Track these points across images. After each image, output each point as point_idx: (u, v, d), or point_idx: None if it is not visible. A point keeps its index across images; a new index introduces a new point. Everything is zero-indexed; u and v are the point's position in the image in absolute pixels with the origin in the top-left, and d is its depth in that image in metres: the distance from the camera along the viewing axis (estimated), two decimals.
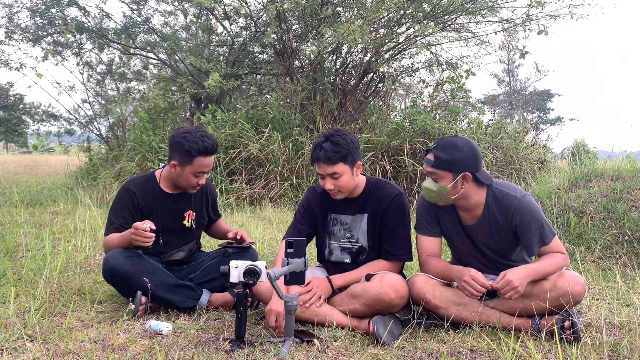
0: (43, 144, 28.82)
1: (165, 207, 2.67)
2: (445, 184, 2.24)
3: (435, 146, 2.28)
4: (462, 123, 7.88)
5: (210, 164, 2.59)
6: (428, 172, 2.30)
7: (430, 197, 2.35)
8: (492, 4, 7.33)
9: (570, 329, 2.09)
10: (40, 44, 8.83)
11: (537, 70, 31.47)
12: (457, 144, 2.25)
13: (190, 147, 2.50)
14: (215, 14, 8.37)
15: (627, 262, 3.42)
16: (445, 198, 2.29)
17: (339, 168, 2.32)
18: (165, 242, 2.67)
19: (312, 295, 2.29)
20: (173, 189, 2.69)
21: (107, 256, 2.48)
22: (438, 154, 2.24)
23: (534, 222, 2.25)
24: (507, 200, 2.29)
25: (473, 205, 2.33)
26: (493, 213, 2.32)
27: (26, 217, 5.03)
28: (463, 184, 2.25)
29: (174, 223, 2.69)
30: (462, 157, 2.22)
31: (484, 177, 2.28)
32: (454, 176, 2.23)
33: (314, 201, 2.58)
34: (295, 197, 6.20)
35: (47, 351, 1.95)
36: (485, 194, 2.32)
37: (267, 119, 7.03)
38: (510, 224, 2.29)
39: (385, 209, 2.44)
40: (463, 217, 2.40)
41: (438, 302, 2.26)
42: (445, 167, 2.23)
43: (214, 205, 2.89)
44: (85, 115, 9.96)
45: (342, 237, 2.53)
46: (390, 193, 2.45)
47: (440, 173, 2.24)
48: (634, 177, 4.16)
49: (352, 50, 7.74)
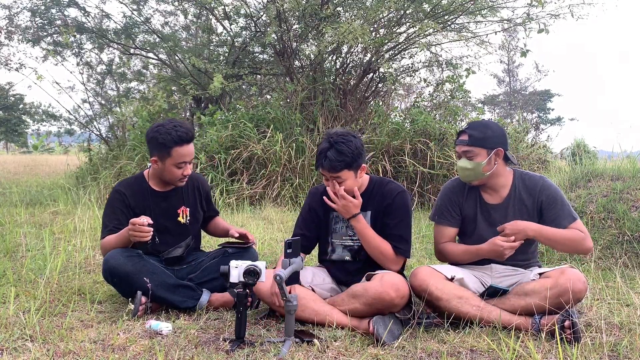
0: (43, 144, 28.81)
1: (157, 205, 2.66)
2: (480, 160, 2.39)
3: (467, 127, 2.44)
4: (462, 123, 7.89)
5: (190, 153, 2.57)
6: (463, 151, 2.43)
7: (466, 176, 2.46)
8: (492, 4, 7.34)
9: (570, 328, 2.09)
10: (40, 45, 8.82)
11: (537, 70, 31.49)
12: (487, 123, 2.51)
13: (164, 140, 2.50)
14: (215, 14, 8.37)
15: (627, 262, 3.42)
16: (481, 175, 2.41)
17: (343, 174, 2.36)
18: (162, 240, 2.67)
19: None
20: (162, 187, 2.69)
21: (107, 256, 2.48)
22: (472, 132, 2.40)
23: (559, 198, 2.41)
24: (533, 180, 2.47)
25: (500, 186, 2.46)
26: (520, 193, 2.45)
27: (26, 217, 5.03)
28: (496, 160, 2.40)
29: (168, 221, 2.68)
30: (493, 134, 2.41)
31: (511, 156, 2.45)
32: (488, 152, 2.39)
33: (315, 203, 2.59)
34: (296, 197, 6.20)
35: (47, 351, 1.95)
36: (512, 175, 2.48)
37: (267, 119, 7.03)
38: (536, 202, 2.43)
39: (388, 205, 2.46)
40: (487, 198, 2.50)
41: (440, 294, 2.27)
42: (479, 143, 2.38)
43: (207, 199, 2.86)
44: (85, 115, 9.97)
45: (345, 234, 2.54)
46: (393, 190, 2.48)
47: (475, 150, 2.39)
48: (634, 177, 4.16)
49: (352, 50, 7.74)
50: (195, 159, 6.54)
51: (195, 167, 6.41)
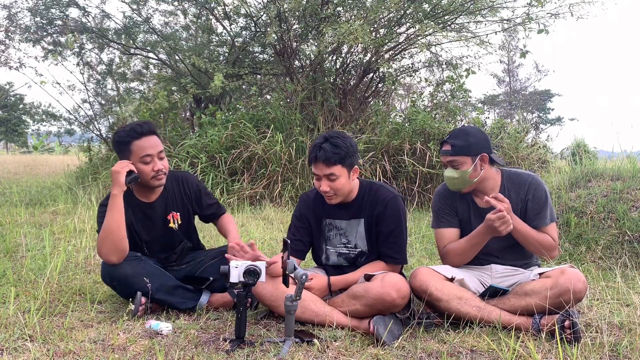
0: (43, 144, 28.83)
1: (147, 217, 2.61)
2: (466, 168, 2.38)
3: (449, 137, 2.43)
4: (461, 123, 7.89)
5: (152, 145, 2.48)
6: (448, 161, 2.42)
7: (454, 185, 2.46)
8: (492, 4, 7.34)
9: (570, 328, 2.09)
10: (41, 44, 8.82)
11: (537, 70, 31.53)
12: (467, 130, 2.47)
13: (120, 137, 2.48)
14: (215, 14, 8.38)
15: (627, 262, 3.42)
16: (469, 182, 2.41)
17: (337, 170, 2.32)
18: (157, 249, 2.66)
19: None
20: (148, 196, 2.61)
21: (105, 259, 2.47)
22: (454, 142, 2.39)
23: (545, 198, 2.42)
24: (522, 178, 2.46)
25: (490, 189, 2.45)
26: (509, 193, 2.44)
27: (26, 217, 5.03)
28: (482, 165, 2.40)
29: (160, 229, 2.64)
30: (475, 140, 2.40)
31: (497, 158, 2.45)
32: (473, 159, 2.38)
33: (306, 209, 2.56)
34: (296, 197, 6.20)
35: (47, 351, 1.95)
36: (501, 176, 2.48)
37: (267, 119, 7.04)
38: (524, 200, 2.42)
39: (380, 213, 2.43)
40: (479, 202, 2.49)
41: (440, 295, 2.26)
42: (463, 152, 2.38)
43: (197, 198, 2.72)
44: (86, 115, 9.97)
45: (338, 242, 2.52)
46: (385, 197, 2.44)
47: (459, 159, 2.38)
48: (634, 177, 4.16)
49: (352, 50, 7.74)
50: (196, 158, 6.55)
51: (196, 167, 6.42)
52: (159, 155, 2.51)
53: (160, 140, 2.56)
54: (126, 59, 9.57)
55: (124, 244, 2.42)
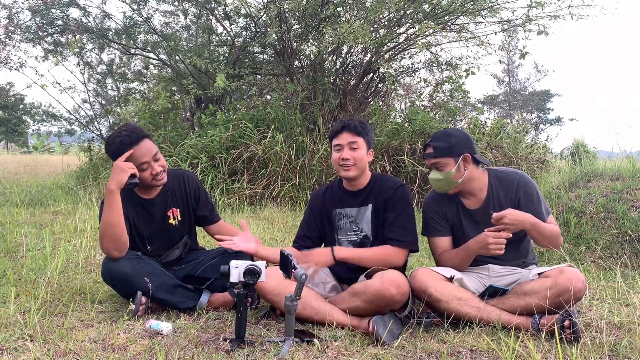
0: (43, 144, 28.83)
1: (147, 213, 2.64)
2: (449, 169, 2.41)
3: (431, 140, 2.47)
4: (461, 123, 7.90)
5: (146, 152, 2.49)
6: (431, 164, 2.45)
7: (440, 187, 2.48)
8: (492, 5, 7.34)
9: (570, 328, 2.10)
10: (41, 44, 8.83)
11: (536, 70, 31.52)
12: (449, 132, 2.49)
13: (116, 149, 2.48)
14: (215, 14, 8.38)
15: (627, 261, 3.42)
16: (454, 183, 2.43)
17: (360, 141, 2.47)
18: (159, 245, 2.67)
19: (309, 263, 2.33)
20: (148, 192, 2.65)
21: (106, 258, 2.48)
22: (436, 144, 2.43)
23: (536, 193, 2.43)
24: (509, 177, 2.47)
25: (477, 189, 2.47)
26: (497, 193, 2.45)
27: (26, 217, 5.03)
28: (465, 165, 2.42)
29: (160, 226, 2.66)
30: (457, 141, 2.43)
31: (481, 158, 2.47)
32: (455, 160, 2.41)
33: (317, 204, 2.65)
34: (297, 197, 6.21)
35: (47, 351, 1.95)
36: (487, 176, 2.49)
37: (267, 119, 7.04)
38: (514, 199, 2.42)
39: (388, 198, 2.49)
40: (467, 203, 2.51)
41: (439, 295, 2.27)
42: (445, 153, 2.41)
43: (196, 195, 2.75)
44: (86, 115, 9.98)
45: (349, 230, 2.57)
46: (393, 183, 2.53)
47: (442, 160, 2.41)
48: (633, 177, 4.16)
49: (352, 50, 7.75)
50: (196, 158, 6.55)
51: (196, 167, 6.43)
52: (154, 157, 2.54)
53: (152, 140, 2.58)
54: (126, 59, 9.58)
55: (124, 237, 2.44)
